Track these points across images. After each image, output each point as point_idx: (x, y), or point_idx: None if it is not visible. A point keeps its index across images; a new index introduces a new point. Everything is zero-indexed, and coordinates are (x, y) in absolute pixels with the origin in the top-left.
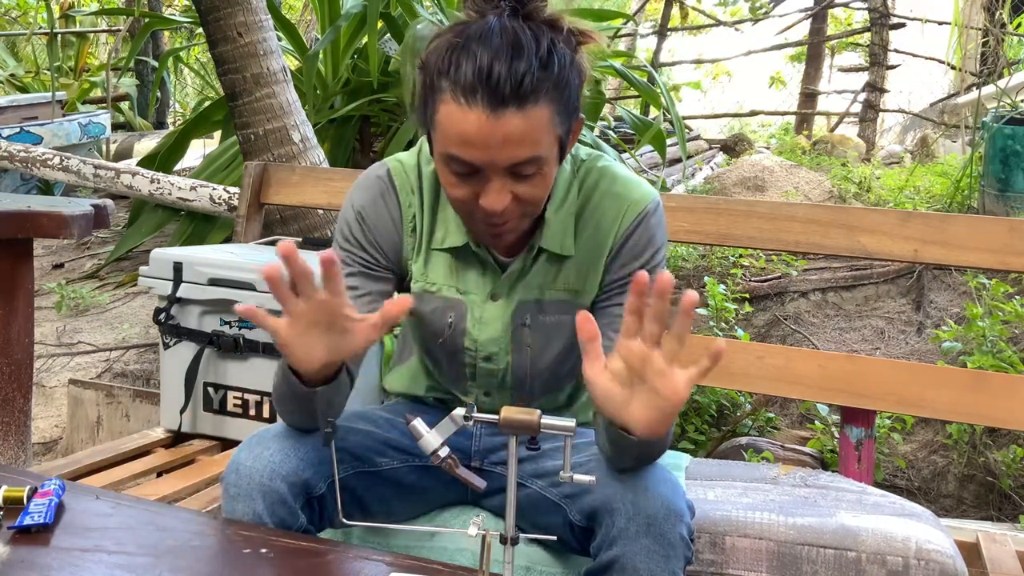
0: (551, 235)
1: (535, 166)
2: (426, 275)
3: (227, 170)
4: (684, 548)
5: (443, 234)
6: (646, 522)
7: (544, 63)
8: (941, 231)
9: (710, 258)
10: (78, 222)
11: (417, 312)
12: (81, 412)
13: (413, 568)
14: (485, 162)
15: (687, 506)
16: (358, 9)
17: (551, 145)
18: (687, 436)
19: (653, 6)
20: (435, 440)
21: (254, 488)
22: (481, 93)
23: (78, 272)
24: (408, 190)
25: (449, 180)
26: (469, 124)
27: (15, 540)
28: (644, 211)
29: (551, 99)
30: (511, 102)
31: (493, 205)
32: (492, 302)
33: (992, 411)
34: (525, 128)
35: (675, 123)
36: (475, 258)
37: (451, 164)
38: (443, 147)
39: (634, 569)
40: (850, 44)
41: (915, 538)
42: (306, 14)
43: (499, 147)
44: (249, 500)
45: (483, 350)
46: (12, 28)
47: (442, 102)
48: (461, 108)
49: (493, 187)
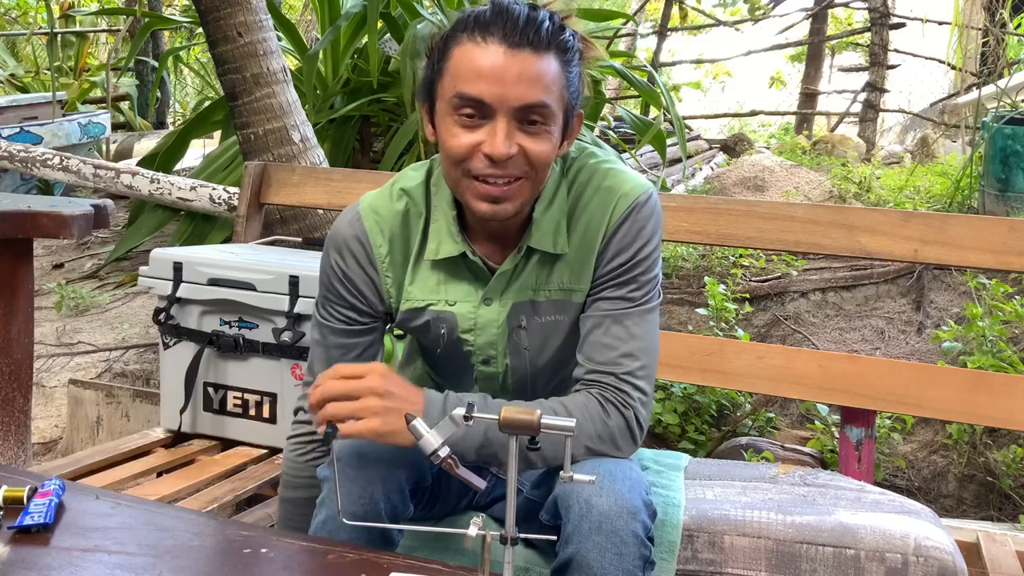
0: (540, 235)
1: (543, 116)
2: (412, 293)
3: (227, 170)
4: (639, 546)
5: (436, 245)
6: (598, 519)
7: (561, 28)
8: (941, 231)
9: (710, 258)
10: (78, 222)
11: (409, 329)
12: (81, 412)
13: (413, 568)
14: (496, 98)
15: (644, 504)
16: (358, 9)
17: (558, 106)
18: (687, 436)
19: (653, 6)
20: (435, 440)
21: (375, 473)
22: (498, 28)
23: (78, 272)
24: (377, 230)
25: (452, 131)
26: (485, 57)
27: (15, 540)
28: (634, 203)
29: (562, 63)
30: (526, 44)
31: (499, 148)
32: (485, 306)
33: (992, 411)
34: (538, 71)
35: (675, 123)
36: (466, 268)
37: (460, 107)
38: (454, 87)
39: (588, 567)
40: (850, 44)
41: (914, 535)
42: (306, 14)
43: (513, 83)
44: (368, 484)
45: (481, 353)
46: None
47: (457, 45)
48: (477, 44)
49: (500, 129)
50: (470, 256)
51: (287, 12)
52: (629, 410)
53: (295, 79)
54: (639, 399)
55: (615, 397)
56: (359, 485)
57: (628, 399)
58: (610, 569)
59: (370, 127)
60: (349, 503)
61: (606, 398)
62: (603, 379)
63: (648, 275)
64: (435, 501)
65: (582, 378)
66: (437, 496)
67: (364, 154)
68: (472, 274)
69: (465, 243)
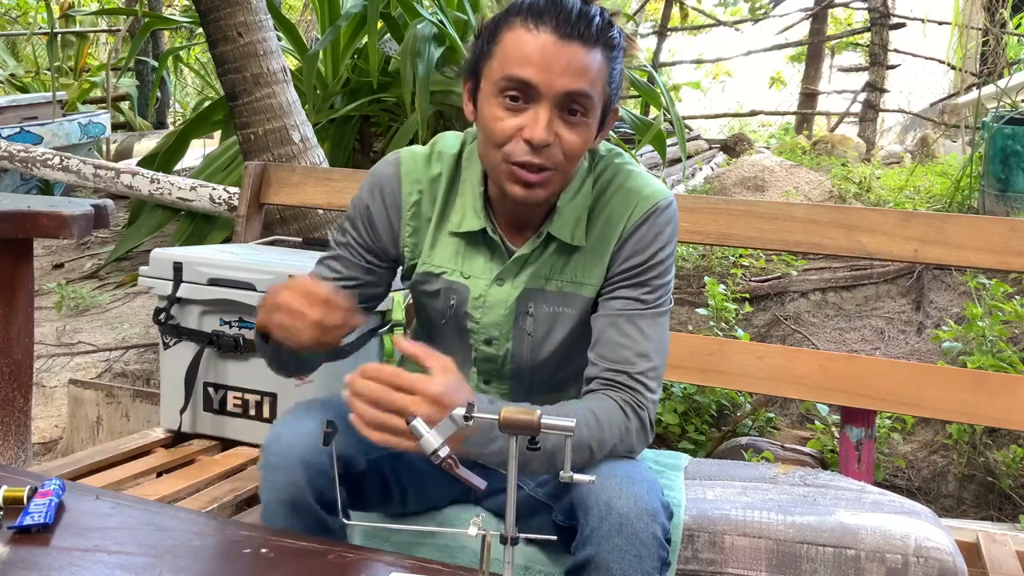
0: (562, 223)
1: (584, 106)
2: (432, 257)
3: (227, 170)
4: (658, 548)
5: (460, 217)
6: (618, 521)
7: (609, 24)
8: (941, 231)
9: (710, 258)
10: (78, 222)
11: (421, 292)
12: (81, 412)
13: (413, 568)
14: (543, 83)
15: (662, 505)
16: (358, 9)
17: (599, 99)
18: (687, 436)
19: (653, 6)
20: (435, 440)
21: (296, 459)
22: (551, 16)
23: (78, 272)
24: (413, 178)
25: (496, 113)
26: (536, 43)
27: (15, 540)
28: (655, 207)
29: (607, 58)
30: (576, 37)
31: (539, 134)
32: (497, 286)
33: (992, 411)
34: (585, 63)
35: (675, 123)
36: (485, 245)
37: (506, 89)
38: (502, 69)
39: (607, 568)
40: (850, 44)
41: (914, 536)
42: (306, 14)
43: (561, 71)
44: (290, 470)
45: (484, 332)
46: (12, 28)
47: (509, 29)
48: (530, 31)
49: (542, 116)
50: (490, 233)
51: (287, 12)
52: (644, 411)
53: (295, 79)
54: (651, 400)
55: (631, 398)
56: (283, 472)
57: (642, 399)
58: (629, 571)
59: (370, 127)
60: (275, 490)
61: (624, 400)
62: (617, 378)
63: (662, 279)
64: (405, 494)
65: (597, 376)
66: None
67: (364, 154)
68: (490, 251)
69: (488, 220)
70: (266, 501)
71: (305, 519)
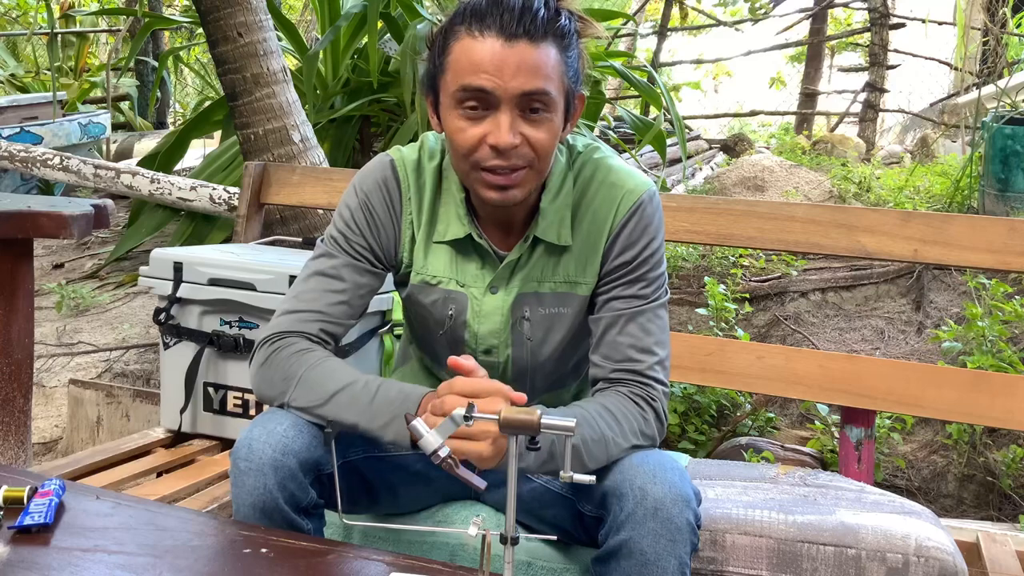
0: (546, 225)
1: (544, 103)
2: (427, 267)
3: (227, 170)
4: (691, 534)
5: (444, 227)
6: (653, 506)
7: (557, 13)
8: (941, 231)
9: (710, 258)
10: (78, 222)
11: (418, 303)
12: (81, 412)
13: (413, 568)
14: (498, 88)
15: (694, 493)
16: (358, 9)
17: (559, 92)
18: (687, 436)
19: (653, 6)
20: (435, 440)
21: (265, 463)
22: (494, 20)
23: (78, 272)
24: (408, 184)
25: (458, 125)
26: (484, 51)
27: (15, 540)
28: (640, 200)
29: (559, 48)
30: (523, 35)
31: (503, 138)
32: (491, 294)
33: (992, 411)
34: (537, 60)
35: (675, 123)
36: (475, 251)
37: (464, 100)
38: (456, 81)
39: (641, 552)
40: (850, 44)
41: (915, 535)
42: (306, 14)
43: (512, 73)
44: (260, 474)
45: (483, 343)
46: (12, 28)
47: (456, 40)
48: (476, 39)
49: (503, 120)
50: (477, 239)
51: (287, 12)
52: (657, 403)
53: (295, 79)
54: (662, 392)
55: (644, 393)
56: (253, 476)
57: (654, 393)
58: (663, 555)
59: (370, 127)
60: (245, 494)
61: (637, 394)
62: (627, 376)
63: (656, 271)
64: (396, 493)
65: (606, 377)
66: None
67: (364, 154)
68: (480, 258)
69: (472, 226)
70: (237, 506)
71: (276, 522)
